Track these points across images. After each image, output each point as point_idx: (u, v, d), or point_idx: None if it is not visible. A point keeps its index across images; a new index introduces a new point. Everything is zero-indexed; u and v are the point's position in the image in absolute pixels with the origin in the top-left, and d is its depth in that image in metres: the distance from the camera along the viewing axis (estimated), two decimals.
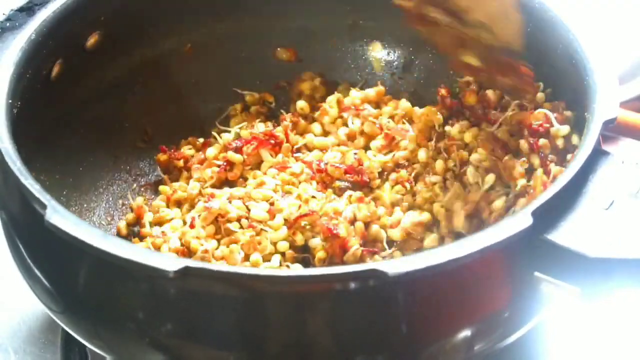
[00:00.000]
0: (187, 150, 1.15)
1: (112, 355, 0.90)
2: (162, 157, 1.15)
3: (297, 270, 0.97)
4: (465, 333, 0.82)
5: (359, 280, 0.75)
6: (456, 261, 0.75)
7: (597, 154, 0.86)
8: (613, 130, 1.22)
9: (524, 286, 0.82)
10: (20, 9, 1.01)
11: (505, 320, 0.84)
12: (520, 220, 0.77)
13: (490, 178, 1.01)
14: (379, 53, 1.22)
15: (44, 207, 0.78)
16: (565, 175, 0.81)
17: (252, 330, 0.79)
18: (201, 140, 1.17)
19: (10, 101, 0.91)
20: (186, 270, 0.73)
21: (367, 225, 1.03)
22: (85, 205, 1.08)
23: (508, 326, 0.85)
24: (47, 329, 1.06)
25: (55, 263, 0.85)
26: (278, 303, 0.78)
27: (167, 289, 0.78)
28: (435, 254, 0.75)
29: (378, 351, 0.80)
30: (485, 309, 0.82)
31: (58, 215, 0.77)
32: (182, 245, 1.02)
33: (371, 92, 1.16)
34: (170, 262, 0.74)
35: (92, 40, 1.07)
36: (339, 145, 1.12)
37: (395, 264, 0.74)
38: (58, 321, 0.90)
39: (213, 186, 1.10)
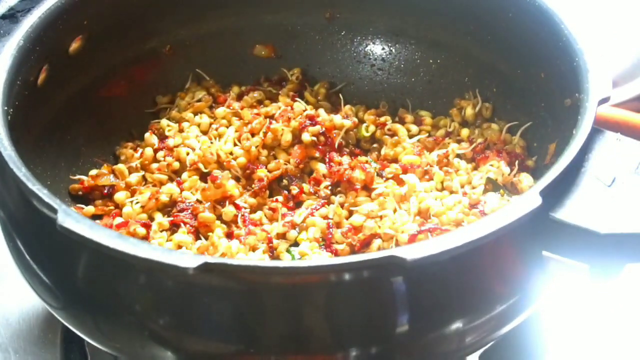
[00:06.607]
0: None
1: (112, 349, 0.89)
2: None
3: (292, 262, 0.98)
4: (470, 318, 0.83)
5: (378, 268, 0.76)
6: (469, 244, 0.75)
7: (594, 133, 0.87)
8: (613, 130, 1.24)
9: (532, 266, 0.83)
10: (3, 17, 1.00)
11: (513, 303, 0.85)
12: (530, 200, 0.78)
13: None
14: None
15: (55, 211, 0.78)
16: (567, 155, 0.83)
17: (251, 321, 0.79)
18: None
19: (5, 108, 0.90)
20: (206, 267, 0.73)
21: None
22: None
23: (515, 308, 0.86)
24: (47, 329, 1.06)
25: (55, 260, 0.85)
26: (274, 295, 0.79)
27: (165, 283, 0.79)
28: (450, 238, 0.76)
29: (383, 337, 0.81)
30: (494, 291, 0.83)
31: (71, 219, 0.77)
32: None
33: None
34: (186, 259, 0.74)
35: (75, 45, 1.07)
36: None
37: (411, 250, 0.74)
38: (58, 317, 0.90)
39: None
